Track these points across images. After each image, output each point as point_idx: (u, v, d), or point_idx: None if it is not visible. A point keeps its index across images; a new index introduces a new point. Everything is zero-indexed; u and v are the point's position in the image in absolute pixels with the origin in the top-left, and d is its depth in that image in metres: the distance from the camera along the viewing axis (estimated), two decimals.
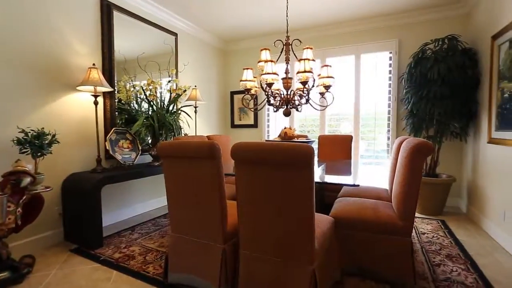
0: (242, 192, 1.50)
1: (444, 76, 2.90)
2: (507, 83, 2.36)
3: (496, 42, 2.56)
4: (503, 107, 2.43)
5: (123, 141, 2.86)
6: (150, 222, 3.03)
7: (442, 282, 1.82)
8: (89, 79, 2.49)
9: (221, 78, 4.98)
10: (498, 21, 2.56)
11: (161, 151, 1.69)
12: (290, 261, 1.43)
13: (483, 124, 2.84)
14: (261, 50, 2.42)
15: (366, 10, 3.53)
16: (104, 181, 2.39)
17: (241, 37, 4.60)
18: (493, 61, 2.59)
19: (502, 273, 1.95)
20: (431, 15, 3.50)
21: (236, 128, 5.08)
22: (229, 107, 5.12)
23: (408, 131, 3.36)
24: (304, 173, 1.32)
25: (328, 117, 4.28)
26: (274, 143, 1.35)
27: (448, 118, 3.03)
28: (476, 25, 3.11)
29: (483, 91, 2.86)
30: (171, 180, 1.73)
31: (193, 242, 1.72)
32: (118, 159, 2.70)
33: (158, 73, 3.43)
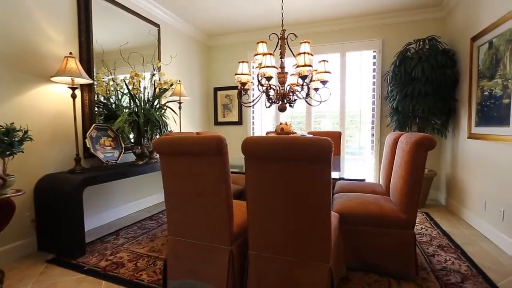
0: (254, 189, 1.41)
1: (428, 75, 3.04)
2: (487, 82, 2.52)
3: (475, 43, 2.71)
4: (483, 104, 2.59)
5: (104, 138, 2.62)
6: (135, 225, 2.82)
7: (440, 271, 1.89)
8: (66, 70, 2.23)
9: (204, 73, 4.81)
10: (476, 24, 2.73)
11: (159, 148, 1.55)
12: (305, 259, 1.38)
13: (463, 120, 3.01)
14: (258, 43, 2.34)
15: (351, 9, 3.59)
16: (86, 183, 2.16)
17: (225, 31, 4.47)
18: (473, 61, 2.75)
19: (489, 260, 2.07)
20: (412, 17, 3.65)
21: (219, 125, 4.94)
22: (212, 103, 4.96)
23: (394, 128, 3.48)
24: (322, 168, 1.27)
25: (314, 114, 4.31)
26: (290, 137, 1.29)
27: (430, 114, 3.18)
28: (454, 27, 3.29)
29: (462, 89, 3.04)
30: (170, 179, 1.59)
31: (195, 245, 1.61)
32: (100, 158, 2.47)
33: (141, 66, 3.20)
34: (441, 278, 1.80)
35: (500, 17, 2.30)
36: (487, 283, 1.75)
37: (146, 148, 2.96)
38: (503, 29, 2.27)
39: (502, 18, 2.27)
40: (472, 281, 1.77)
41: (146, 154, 2.97)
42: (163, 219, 3.00)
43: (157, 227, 2.76)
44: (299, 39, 2.56)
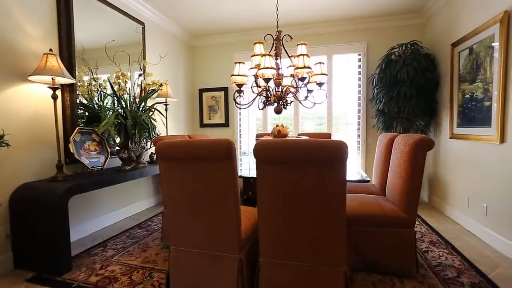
0: (265, 194, 1.37)
1: (412, 78, 3.17)
2: (468, 85, 2.68)
3: (456, 49, 2.88)
4: (464, 106, 2.75)
5: (89, 142, 2.43)
6: (123, 234, 2.64)
7: (437, 267, 1.96)
8: (46, 68, 2.04)
9: (189, 74, 4.68)
10: (456, 31, 2.90)
11: (162, 153, 1.45)
12: (319, 264, 1.36)
13: (444, 121, 3.19)
14: (255, 44, 2.30)
15: (337, 13, 3.67)
16: (72, 191, 1.99)
17: (210, 32, 4.37)
18: (454, 66, 2.92)
19: (476, 253, 2.19)
20: (395, 22, 3.81)
21: (205, 127, 4.83)
22: (198, 105, 4.84)
23: (380, 129, 3.60)
24: (337, 171, 1.25)
25: (301, 116, 4.35)
26: (305, 140, 1.26)
27: (414, 116, 3.33)
28: (433, 33, 3.48)
29: (443, 92, 3.22)
30: (173, 186, 1.50)
31: (200, 255, 1.52)
32: (85, 163, 2.28)
33: (127, 65, 3.02)
34: (439, 274, 1.87)
35: (480, 25, 2.46)
36: (481, 276, 1.84)
37: (133, 152, 2.80)
38: (483, 36, 2.42)
39: (481, 26, 2.43)
40: (467, 275, 1.86)
41: (133, 159, 2.81)
42: (152, 226, 2.85)
43: (148, 235, 2.61)
44: (292, 40, 2.56)
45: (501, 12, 2.18)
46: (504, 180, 2.18)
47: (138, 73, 2.92)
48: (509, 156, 2.13)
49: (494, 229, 2.29)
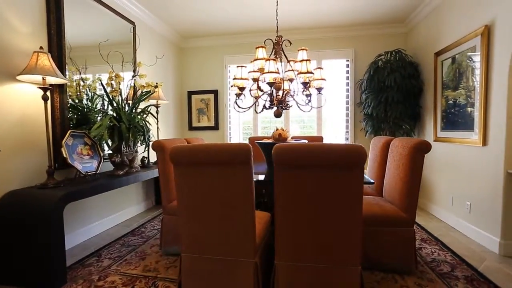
0: (283, 197, 1.38)
1: (399, 84, 3.35)
2: (451, 92, 2.88)
3: (439, 58, 3.09)
4: (448, 112, 2.96)
5: (81, 146, 2.30)
6: (117, 242, 2.52)
7: (432, 263, 2.08)
8: (37, 67, 1.92)
9: (178, 76, 4.58)
10: (439, 41, 3.11)
11: (177, 158, 1.42)
12: (336, 265, 1.39)
13: (428, 125, 3.40)
14: (257, 48, 2.31)
15: (326, 20, 3.78)
16: (68, 199, 1.87)
17: (200, 33, 4.32)
18: (437, 73, 3.13)
19: (463, 248, 2.35)
20: (380, 30, 4.01)
21: (194, 130, 4.75)
22: (186, 108, 4.75)
23: (368, 132, 3.76)
24: (356, 174, 1.30)
25: (292, 119, 4.42)
26: (324, 144, 1.29)
27: (401, 120, 3.51)
28: (416, 42, 3.70)
29: (426, 97, 3.43)
30: (189, 191, 1.46)
31: (215, 261, 1.50)
32: (78, 169, 2.16)
33: (119, 66, 2.90)
34: (435, 269, 1.99)
35: (462, 36, 2.66)
36: (471, 269, 1.98)
37: (126, 156, 2.70)
38: (465, 47, 2.62)
39: (464, 38, 2.63)
40: (459, 269, 1.99)
41: (126, 163, 2.70)
42: (147, 233, 2.75)
43: (144, 242, 2.52)
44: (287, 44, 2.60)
45: (482, 26, 2.38)
46: (486, 179, 2.37)
47: (132, 74, 2.81)
48: (491, 158, 2.32)
49: (478, 225, 2.48)
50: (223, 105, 4.62)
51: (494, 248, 2.27)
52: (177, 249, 2.22)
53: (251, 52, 4.40)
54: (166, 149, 2.25)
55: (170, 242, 2.22)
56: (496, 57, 2.27)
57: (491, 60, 2.32)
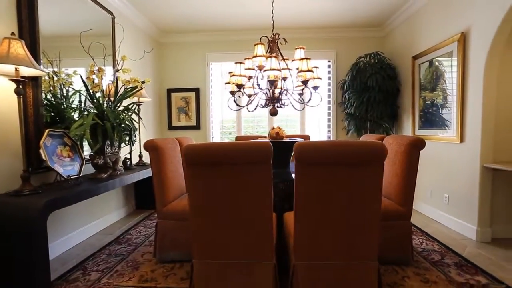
0: (304, 196, 1.36)
1: (380, 85, 3.54)
2: (429, 93, 3.11)
3: (416, 61, 3.32)
4: (425, 111, 3.18)
5: (61, 147, 2.05)
6: (102, 252, 2.30)
7: (423, 253, 2.22)
8: (10, 56, 1.68)
9: (156, 73, 4.34)
10: (416, 45, 3.34)
11: (192, 157, 1.32)
12: (355, 260, 1.41)
13: (405, 124, 3.63)
14: (255, 45, 2.26)
15: (309, 21, 3.85)
16: (51, 207, 1.65)
17: (181, 29, 4.14)
18: (415, 76, 3.35)
19: (446, 237, 2.54)
20: (360, 33, 4.19)
21: (174, 130, 4.54)
22: (166, 106, 4.52)
23: (351, 131, 3.90)
24: (375, 171, 1.32)
25: (275, 118, 4.43)
26: (346, 142, 1.30)
27: (381, 119, 3.71)
28: (393, 45, 3.93)
29: (404, 98, 3.66)
30: (203, 193, 1.37)
31: (231, 266, 1.43)
32: (59, 172, 1.92)
33: (98, 59, 2.64)
34: (428, 258, 2.12)
35: (439, 42, 2.88)
36: (458, 256, 2.15)
37: (109, 158, 2.47)
38: (443, 52, 2.84)
39: (441, 44, 2.85)
40: (448, 256, 2.15)
41: (109, 165, 2.48)
42: (134, 240, 2.55)
43: (133, 250, 2.33)
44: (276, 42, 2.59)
45: (459, 33, 2.59)
46: (464, 173, 2.59)
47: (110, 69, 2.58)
48: (468, 153, 2.54)
49: (456, 215, 2.70)
50: (205, 104, 4.48)
51: (472, 236, 2.48)
52: (174, 256, 2.09)
53: (234, 50, 4.33)
54: (160, 149, 2.10)
55: (166, 248, 2.08)
56: (471, 62, 2.49)
57: (467, 65, 2.54)
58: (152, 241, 2.50)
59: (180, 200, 2.22)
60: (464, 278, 1.85)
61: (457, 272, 1.92)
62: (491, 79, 2.37)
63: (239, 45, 4.31)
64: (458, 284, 1.78)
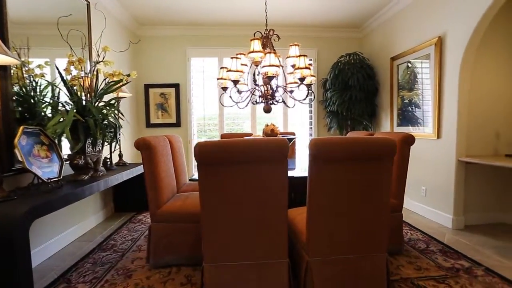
0: (320, 192, 1.36)
1: (361, 84, 3.69)
2: (407, 92, 3.31)
3: (395, 62, 3.51)
4: (403, 109, 3.39)
5: (38, 146, 1.82)
6: (85, 262, 2.10)
7: (410, 242, 2.36)
8: None
9: (133, 67, 4.06)
10: (394, 47, 3.53)
11: (207, 156, 1.24)
12: (367, 253, 1.44)
13: (384, 121, 3.83)
14: (251, 40, 2.20)
15: (291, 19, 3.89)
16: (34, 215, 1.46)
17: (160, 21, 3.92)
18: (393, 76, 3.55)
19: (426, 227, 2.74)
20: (340, 34, 4.33)
21: (153, 127, 4.30)
22: (143, 102, 4.26)
23: (333, 128, 4.02)
24: (386, 165, 1.37)
25: (258, 115, 4.41)
26: (362, 138, 1.32)
27: (361, 116, 3.87)
28: (372, 46, 4.12)
29: (382, 97, 3.86)
30: (217, 193, 1.30)
31: (245, 267, 1.38)
32: (38, 175, 1.70)
33: (73, 50, 2.39)
34: (415, 247, 2.26)
35: (417, 45, 3.08)
36: (440, 244, 2.32)
37: (90, 158, 2.27)
38: (420, 54, 3.04)
39: (418, 46, 3.04)
40: (432, 244, 2.32)
41: (90, 166, 2.27)
42: (119, 246, 2.36)
43: (121, 257, 2.16)
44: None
45: (436, 37, 2.79)
46: (440, 166, 2.81)
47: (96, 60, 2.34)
48: (443, 148, 2.76)
49: (433, 206, 2.92)
50: (185, 100, 4.31)
51: (448, 224, 2.71)
52: (170, 260, 1.98)
53: (217, 45, 4.22)
54: (153, 147, 1.97)
55: (161, 253, 1.96)
56: (447, 64, 2.70)
57: (443, 67, 2.74)
58: (141, 246, 2.35)
59: (174, 201, 2.11)
60: (450, 263, 2.00)
61: (443, 258, 2.07)
62: (465, 81, 2.58)
63: (222, 40, 4.21)
64: (447, 269, 1.92)
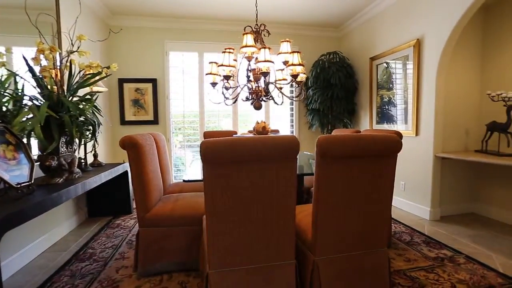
0: (328, 191, 1.34)
1: (343, 82, 3.78)
2: (386, 91, 3.45)
3: (374, 62, 3.64)
4: (382, 108, 3.53)
5: (3, 146, 1.58)
6: (62, 275, 1.88)
7: (396, 235, 2.46)
8: None
9: (105, 60, 3.75)
10: (373, 48, 3.66)
11: (215, 155, 1.15)
12: (370, 249, 1.46)
13: (363, 119, 3.97)
14: (244, 35, 2.12)
15: (270, 15, 3.86)
16: (6, 226, 1.25)
17: (136, 11, 3.66)
18: (372, 75, 3.68)
19: (407, 220, 2.88)
20: (321, 33, 4.39)
21: (128, 125, 4.03)
22: (117, 98, 3.97)
23: (315, 125, 4.08)
24: (390, 162, 1.39)
25: (240, 113, 4.34)
26: (371, 135, 1.32)
27: (342, 114, 3.98)
28: (351, 46, 4.23)
29: (361, 95, 3.99)
30: (224, 195, 1.22)
31: (252, 271, 1.32)
32: (5, 179, 1.47)
33: (42, 38, 2.12)
34: (401, 240, 2.36)
35: (396, 46, 3.21)
36: (422, 235, 2.46)
37: (64, 158, 2.04)
38: (399, 55, 3.18)
39: (397, 47, 3.18)
40: (416, 236, 2.44)
41: (65, 168, 2.04)
42: (99, 255, 2.16)
43: (103, 267, 1.97)
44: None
45: (415, 39, 2.94)
46: (419, 162, 2.97)
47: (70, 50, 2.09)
48: (422, 145, 2.92)
49: (412, 199, 3.09)
50: (163, 96, 4.09)
51: (426, 216, 2.88)
52: (161, 267, 1.84)
53: (196, 40, 4.06)
54: (140, 146, 1.81)
55: (152, 259, 1.82)
56: (425, 65, 2.85)
57: (422, 67, 2.90)
58: (124, 253, 2.17)
59: (163, 203, 1.97)
60: (434, 253, 2.12)
61: (428, 249, 2.19)
62: (442, 82, 2.75)
63: (203, 35, 4.06)
64: (433, 259, 2.03)
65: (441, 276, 1.80)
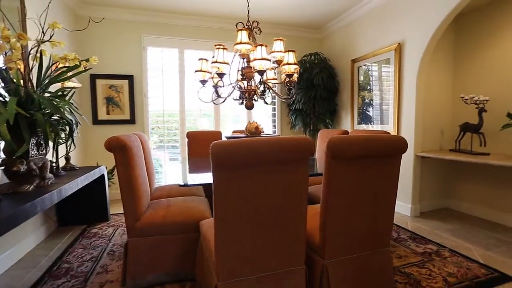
0: (338, 193, 1.31)
1: (325, 83, 3.84)
2: (367, 93, 3.57)
3: (355, 64, 3.75)
4: (364, 109, 3.65)
5: None
6: None
7: None
8: None
9: (75, 53, 3.41)
10: (354, 50, 3.77)
11: (227, 159, 1.06)
12: (374, 250, 1.46)
13: (344, 120, 4.07)
14: (238, 31, 2.03)
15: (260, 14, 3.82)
16: None
17: (110, 2, 3.37)
18: (354, 77, 3.79)
19: None
20: (303, 33, 4.42)
21: (102, 124, 3.72)
22: (89, 95, 3.64)
23: (298, 126, 4.10)
24: (397, 162, 1.40)
25: (222, 112, 4.23)
26: (380, 136, 1.32)
27: (324, 114, 4.04)
28: (332, 48, 4.32)
29: (343, 96, 4.09)
30: (235, 200, 1.13)
31: (263, 279, 1.25)
32: None
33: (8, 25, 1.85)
34: (392, 238, 2.43)
35: (377, 49, 3.33)
36: (408, 231, 2.56)
37: (35, 163, 1.80)
38: (381, 58, 3.30)
39: (379, 51, 3.30)
40: (402, 232, 2.54)
41: (36, 173, 1.80)
42: (78, 269, 1.93)
43: (84, 283, 1.76)
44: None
45: (396, 43, 3.06)
46: None
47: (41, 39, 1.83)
48: None
49: (399, 198, 3.21)
50: (141, 94, 3.84)
51: (407, 212, 3.01)
52: (153, 279, 1.70)
53: (177, 36, 3.87)
54: (128, 148, 1.65)
55: (142, 271, 1.66)
56: (406, 68, 2.99)
57: (402, 71, 3.03)
58: (106, 265, 1.97)
59: (153, 210, 1.82)
60: (421, 249, 2.21)
61: (415, 244, 2.28)
62: (422, 84, 2.90)
63: (184, 30, 3.88)
64: (421, 254, 2.11)
65: (432, 271, 1.87)
